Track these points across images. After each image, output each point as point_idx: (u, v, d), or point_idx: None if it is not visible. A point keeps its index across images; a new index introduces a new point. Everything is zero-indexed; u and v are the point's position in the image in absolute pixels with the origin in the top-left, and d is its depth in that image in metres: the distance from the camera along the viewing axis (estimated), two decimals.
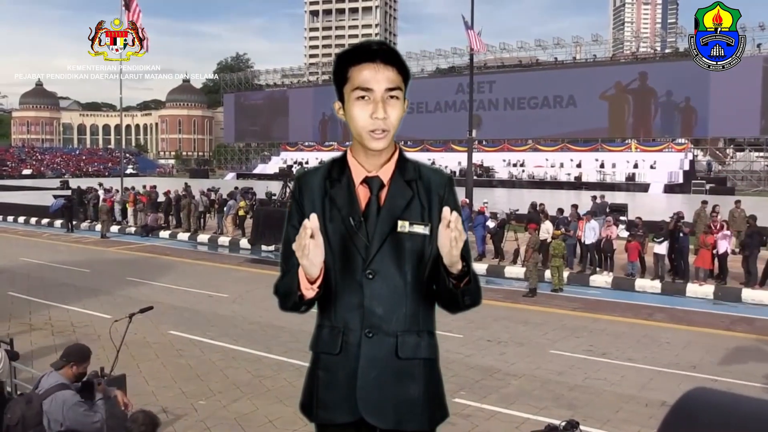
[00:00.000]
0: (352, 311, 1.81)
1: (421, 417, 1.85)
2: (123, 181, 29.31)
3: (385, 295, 1.79)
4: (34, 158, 75.32)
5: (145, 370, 8.75)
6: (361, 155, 1.86)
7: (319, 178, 1.88)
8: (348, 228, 1.81)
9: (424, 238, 1.81)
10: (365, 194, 1.84)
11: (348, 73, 1.80)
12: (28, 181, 54.82)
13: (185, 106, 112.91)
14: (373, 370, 1.80)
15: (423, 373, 1.86)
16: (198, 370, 8.88)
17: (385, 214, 1.81)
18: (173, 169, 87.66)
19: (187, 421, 7.19)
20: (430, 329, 1.90)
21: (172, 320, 11.19)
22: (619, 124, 56.07)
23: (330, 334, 1.86)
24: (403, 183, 1.85)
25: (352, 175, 1.85)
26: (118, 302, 12.56)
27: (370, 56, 1.78)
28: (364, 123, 1.78)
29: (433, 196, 1.85)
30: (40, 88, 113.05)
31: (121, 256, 19.91)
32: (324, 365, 1.88)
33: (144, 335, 9.86)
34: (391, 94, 1.79)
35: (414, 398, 1.83)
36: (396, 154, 1.88)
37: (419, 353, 1.85)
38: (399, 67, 1.81)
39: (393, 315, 1.81)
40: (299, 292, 1.76)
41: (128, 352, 7.58)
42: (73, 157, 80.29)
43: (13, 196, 37.04)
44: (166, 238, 23.59)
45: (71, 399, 4.38)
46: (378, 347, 1.81)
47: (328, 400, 1.86)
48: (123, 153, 56.93)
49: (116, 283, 14.94)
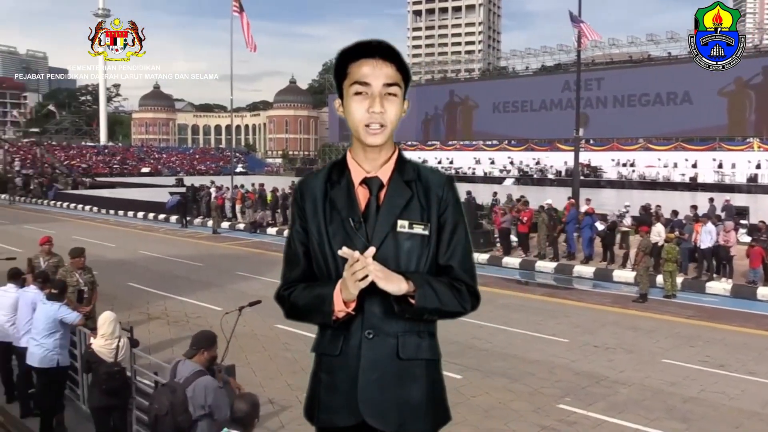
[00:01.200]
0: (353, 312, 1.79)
1: (424, 420, 1.83)
2: (233, 179, 30.43)
3: (385, 296, 1.75)
4: (151, 157, 79.77)
5: (253, 361, 9.07)
6: (360, 156, 1.85)
7: (320, 182, 1.88)
8: (348, 229, 1.80)
9: (423, 238, 1.81)
10: (365, 195, 1.83)
11: (347, 69, 1.81)
12: (146, 179, 58.09)
13: (292, 107, 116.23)
14: (374, 371, 1.78)
15: (425, 374, 1.84)
16: (303, 364, 9.08)
17: (384, 214, 1.80)
18: (280, 168, 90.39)
19: (292, 412, 7.37)
20: (431, 330, 1.88)
21: (279, 314, 11.41)
22: (740, 122, 52.62)
23: (332, 335, 1.84)
24: (402, 183, 1.84)
25: (351, 176, 1.85)
26: (228, 295, 13.10)
27: (369, 52, 1.80)
28: (361, 117, 1.79)
29: (432, 196, 1.84)
30: (158, 91, 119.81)
31: (232, 251, 20.74)
32: (325, 367, 1.86)
33: (252, 328, 10.22)
34: (389, 90, 1.79)
35: (416, 400, 1.81)
36: (395, 155, 1.87)
37: (421, 354, 1.83)
38: (398, 66, 1.81)
39: (393, 316, 1.78)
40: (333, 312, 1.75)
41: (237, 344, 7.86)
42: (187, 156, 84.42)
43: (132, 192, 39.33)
44: (274, 234, 24.34)
45: (212, 384, 4.66)
46: (379, 348, 1.79)
47: (329, 403, 1.84)
48: (233, 152, 59.37)
49: (227, 277, 15.58)
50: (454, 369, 8.80)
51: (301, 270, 1.87)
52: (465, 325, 11.22)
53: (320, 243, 1.83)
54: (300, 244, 1.88)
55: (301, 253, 1.88)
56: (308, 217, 1.85)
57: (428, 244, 1.81)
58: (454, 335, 10.55)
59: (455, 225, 1.86)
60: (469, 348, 9.96)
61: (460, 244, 1.86)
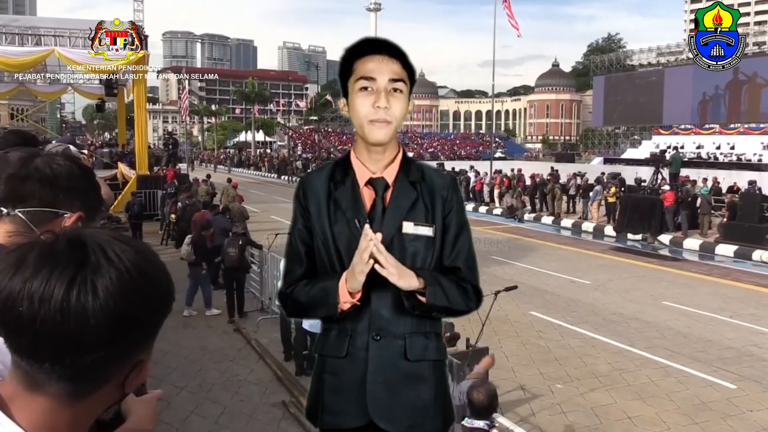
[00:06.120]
0: (359, 314, 1.77)
1: (433, 420, 1.84)
2: (492, 164, 30.65)
3: (392, 298, 1.76)
4: (415, 143, 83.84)
5: (505, 346, 9.11)
6: (365, 155, 1.84)
7: (323, 180, 1.85)
8: (353, 230, 1.77)
9: (428, 239, 1.80)
10: (370, 195, 1.82)
11: (353, 67, 1.80)
12: None
13: (553, 91, 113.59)
14: (382, 373, 1.78)
15: (432, 375, 1.84)
16: (556, 354, 8.92)
17: (390, 215, 1.80)
18: (540, 154, 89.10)
19: (543, 401, 7.28)
20: (436, 331, 1.89)
21: (533, 301, 11.41)
22: None
23: (337, 336, 1.83)
24: (407, 184, 1.83)
25: (356, 176, 1.83)
26: (483, 279, 12.90)
27: (375, 49, 1.79)
28: (366, 112, 1.77)
29: (436, 198, 1.84)
30: (423, 79, 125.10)
31: (488, 235, 20.98)
32: (330, 369, 1.84)
33: (506, 313, 10.25)
34: (394, 87, 1.77)
35: (425, 401, 1.81)
36: (399, 155, 1.86)
37: (428, 355, 1.83)
38: (404, 63, 1.80)
39: (400, 317, 1.78)
40: (338, 304, 1.73)
41: (491, 327, 7.94)
42: (447, 141, 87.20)
43: None
44: (530, 220, 24.12)
45: None
46: (386, 350, 1.79)
47: (334, 405, 1.82)
48: (493, 137, 59.85)
49: (483, 261, 15.52)
50: (728, 377, 7.99)
51: (304, 270, 1.86)
52: (741, 330, 10.09)
53: (325, 242, 1.82)
54: (302, 243, 1.87)
55: (303, 253, 1.87)
56: (312, 217, 1.84)
57: (433, 245, 1.82)
58: (730, 340, 9.54)
59: (460, 226, 1.87)
60: (747, 356, 8.92)
61: (465, 246, 1.88)
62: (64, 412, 0.82)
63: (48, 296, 0.76)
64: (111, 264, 0.80)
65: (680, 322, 10.49)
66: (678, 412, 7.03)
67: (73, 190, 1.51)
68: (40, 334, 0.77)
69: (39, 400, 0.81)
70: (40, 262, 0.79)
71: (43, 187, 1.47)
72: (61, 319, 0.76)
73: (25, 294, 0.77)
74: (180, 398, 7.05)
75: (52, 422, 0.82)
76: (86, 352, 0.79)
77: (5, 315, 0.78)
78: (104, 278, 0.79)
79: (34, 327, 0.76)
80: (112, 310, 0.78)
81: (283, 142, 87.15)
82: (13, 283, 0.78)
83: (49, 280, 0.77)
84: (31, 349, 0.79)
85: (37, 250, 0.80)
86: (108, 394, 0.87)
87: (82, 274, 0.78)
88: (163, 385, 6.88)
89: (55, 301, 0.76)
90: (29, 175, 1.48)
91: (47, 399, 0.81)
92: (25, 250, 0.81)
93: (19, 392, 0.82)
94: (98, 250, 0.80)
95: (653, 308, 11.41)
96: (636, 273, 14.84)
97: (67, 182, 1.50)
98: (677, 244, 18.47)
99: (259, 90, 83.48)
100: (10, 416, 0.80)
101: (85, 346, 0.78)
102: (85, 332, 0.77)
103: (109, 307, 0.78)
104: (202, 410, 6.82)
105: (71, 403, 0.82)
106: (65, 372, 0.80)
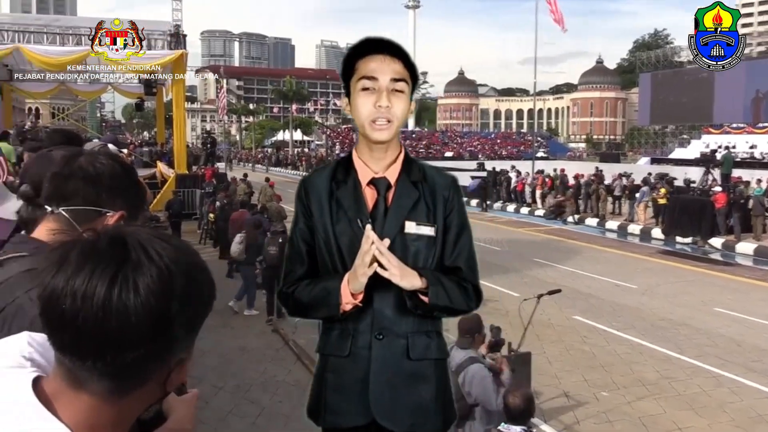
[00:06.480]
0: (361, 313, 1.78)
1: (435, 419, 1.84)
2: (534, 164, 30.24)
3: (395, 297, 1.77)
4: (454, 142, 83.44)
5: (549, 351, 8.88)
6: (367, 155, 1.85)
7: (325, 180, 1.86)
8: (356, 229, 1.78)
9: (430, 239, 1.82)
10: (372, 195, 1.83)
11: (355, 66, 1.81)
12: (449, 163, 60.60)
13: (597, 89, 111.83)
14: (384, 372, 1.79)
15: (434, 374, 1.85)
16: (602, 360, 8.66)
17: (392, 215, 1.81)
18: (583, 153, 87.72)
19: (588, 409, 7.06)
20: (438, 330, 1.90)
21: (577, 305, 11.16)
22: None
23: (339, 336, 1.83)
24: (409, 184, 1.84)
25: (358, 176, 1.84)
26: (525, 281, 13.04)
27: (377, 49, 1.80)
28: (368, 112, 1.78)
29: (438, 198, 1.85)
30: (462, 77, 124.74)
31: (530, 237, 20.67)
32: (333, 368, 1.85)
33: (549, 317, 10.00)
34: (396, 86, 1.78)
35: (427, 400, 1.83)
36: (401, 155, 1.88)
37: (430, 354, 1.84)
38: (406, 63, 1.80)
39: (403, 316, 1.79)
40: (340, 305, 1.74)
41: (534, 332, 7.74)
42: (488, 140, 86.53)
43: None
44: (574, 222, 23.67)
45: (480, 372, 4.60)
46: (389, 349, 1.80)
47: (336, 404, 1.84)
48: (535, 137, 59.07)
49: (524, 263, 15.54)
50: None
51: (305, 269, 1.87)
52: None
53: (326, 242, 1.83)
54: (304, 243, 1.87)
55: (304, 252, 1.87)
56: (314, 216, 1.84)
57: (434, 245, 1.83)
58: None
59: (461, 226, 1.89)
60: None
61: (466, 246, 1.89)
62: (106, 409, 0.83)
63: (90, 294, 0.77)
64: (152, 262, 0.80)
65: (732, 329, 10.09)
66: (732, 425, 6.74)
67: (116, 189, 1.55)
68: (82, 331, 0.78)
69: (82, 398, 0.82)
70: (83, 259, 0.80)
71: (86, 185, 1.52)
72: (102, 317, 0.77)
73: (68, 291, 0.78)
74: (218, 398, 7.05)
75: (95, 419, 0.82)
76: (127, 350, 0.79)
77: (48, 312, 0.79)
78: (145, 276, 0.79)
79: (77, 324, 0.77)
80: (152, 308, 0.79)
81: (320, 141, 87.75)
82: (56, 281, 0.79)
83: (91, 278, 0.78)
84: (73, 346, 0.79)
85: (79, 248, 0.81)
86: (149, 393, 0.87)
87: (124, 272, 0.79)
88: (202, 385, 6.89)
89: (97, 298, 0.77)
90: (73, 173, 1.53)
91: (90, 396, 0.82)
92: (67, 247, 0.82)
93: (63, 389, 0.82)
94: (139, 248, 0.81)
95: (703, 314, 11.01)
96: (685, 277, 14.38)
97: (110, 181, 1.54)
98: (729, 248, 17.81)
99: (297, 89, 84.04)
100: (54, 413, 0.81)
101: (126, 344, 0.79)
102: (126, 330, 0.78)
103: (150, 305, 0.79)
104: (240, 410, 6.81)
105: (113, 401, 0.83)
106: (107, 369, 0.80)
